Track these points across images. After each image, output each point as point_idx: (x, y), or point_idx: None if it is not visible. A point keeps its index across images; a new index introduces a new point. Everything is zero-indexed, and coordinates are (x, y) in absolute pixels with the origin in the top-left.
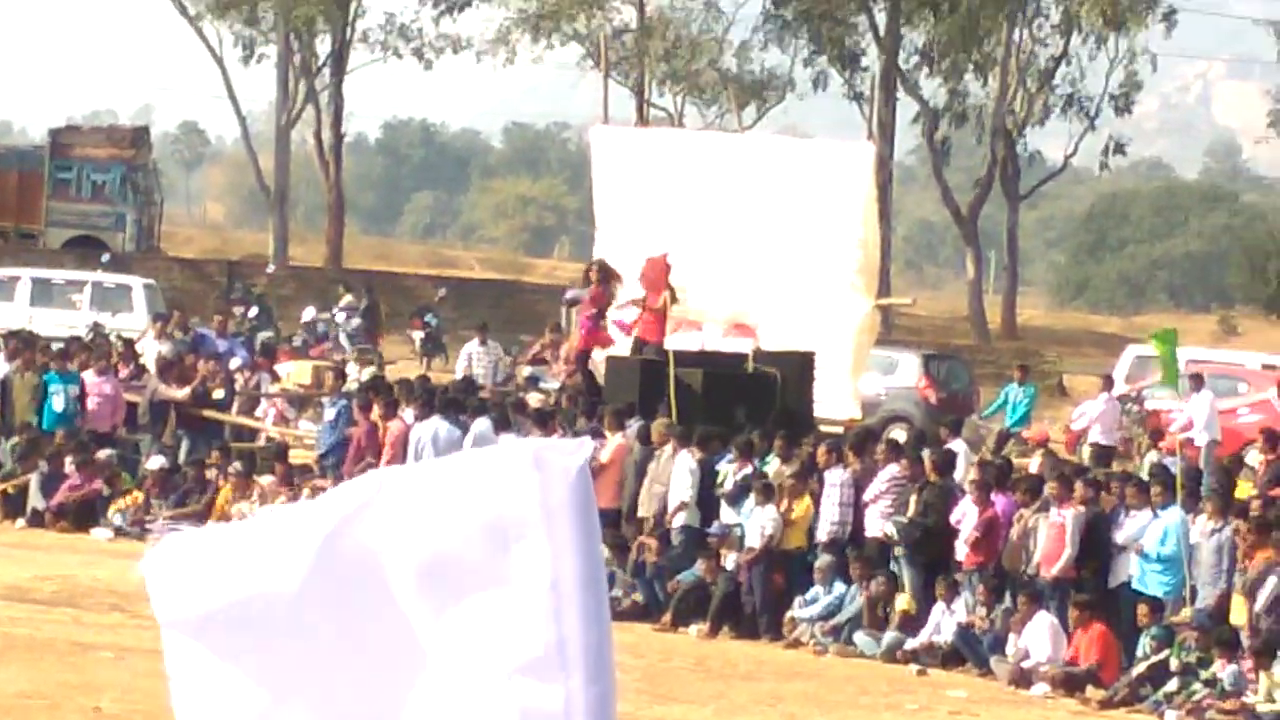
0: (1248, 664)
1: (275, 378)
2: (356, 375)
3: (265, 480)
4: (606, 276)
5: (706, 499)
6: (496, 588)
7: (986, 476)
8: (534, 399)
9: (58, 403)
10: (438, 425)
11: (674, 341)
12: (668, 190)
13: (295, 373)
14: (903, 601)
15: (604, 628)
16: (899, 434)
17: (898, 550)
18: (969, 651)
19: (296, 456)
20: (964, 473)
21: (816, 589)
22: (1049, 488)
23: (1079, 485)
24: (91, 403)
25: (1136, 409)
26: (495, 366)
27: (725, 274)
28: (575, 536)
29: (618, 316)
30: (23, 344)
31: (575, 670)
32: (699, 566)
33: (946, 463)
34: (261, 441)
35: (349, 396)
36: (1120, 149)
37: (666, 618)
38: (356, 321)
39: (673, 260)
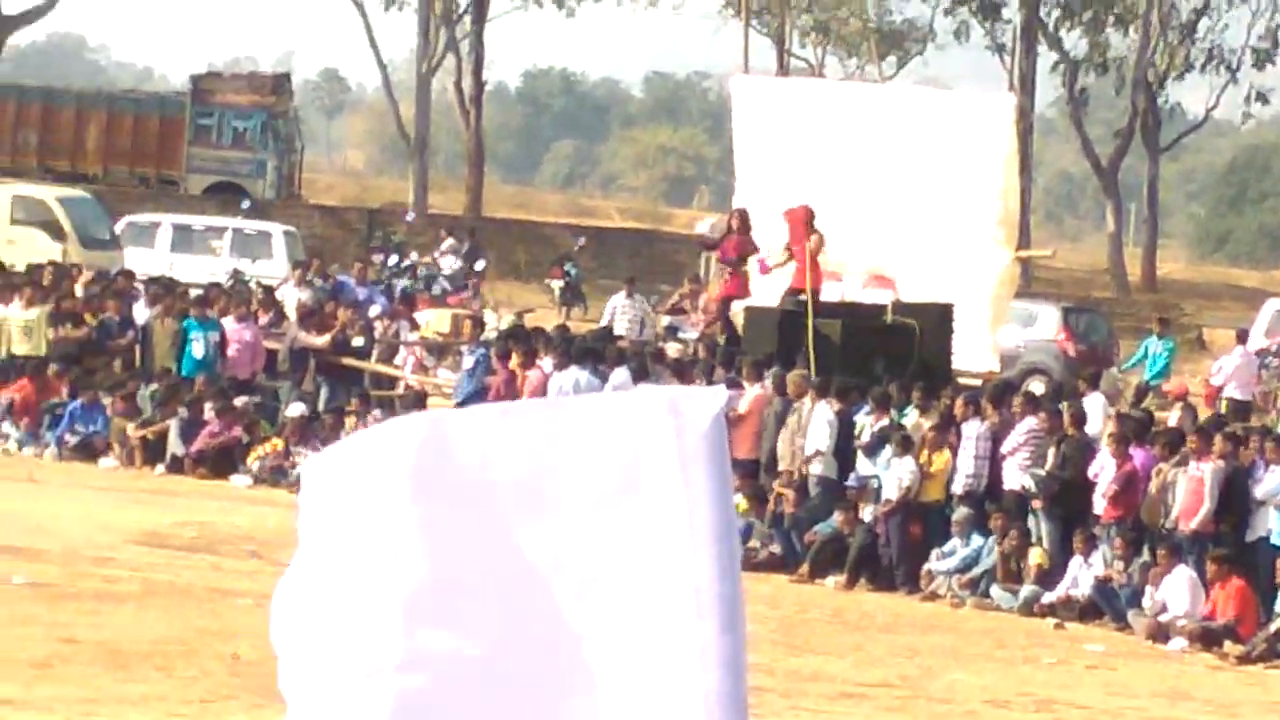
0: None
1: (414, 325)
2: (495, 324)
3: None
4: (746, 226)
5: (844, 450)
6: (629, 531)
7: (1125, 430)
8: (672, 349)
9: (197, 349)
10: (578, 374)
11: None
12: (807, 141)
13: (434, 321)
14: (1037, 555)
15: (736, 577)
16: (1037, 386)
17: (1035, 503)
18: (1106, 605)
19: (435, 404)
20: (1102, 425)
21: (954, 541)
22: (1189, 441)
23: (1218, 439)
24: (231, 349)
25: (1276, 363)
26: (642, 320)
27: (864, 225)
28: (710, 485)
29: (761, 258)
30: (163, 290)
31: (709, 618)
32: (836, 518)
33: (1084, 416)
34: (400, 390)
35: (487, 345)
36: (1263, 98)
37: (804, 569)
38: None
39: (815, 210)
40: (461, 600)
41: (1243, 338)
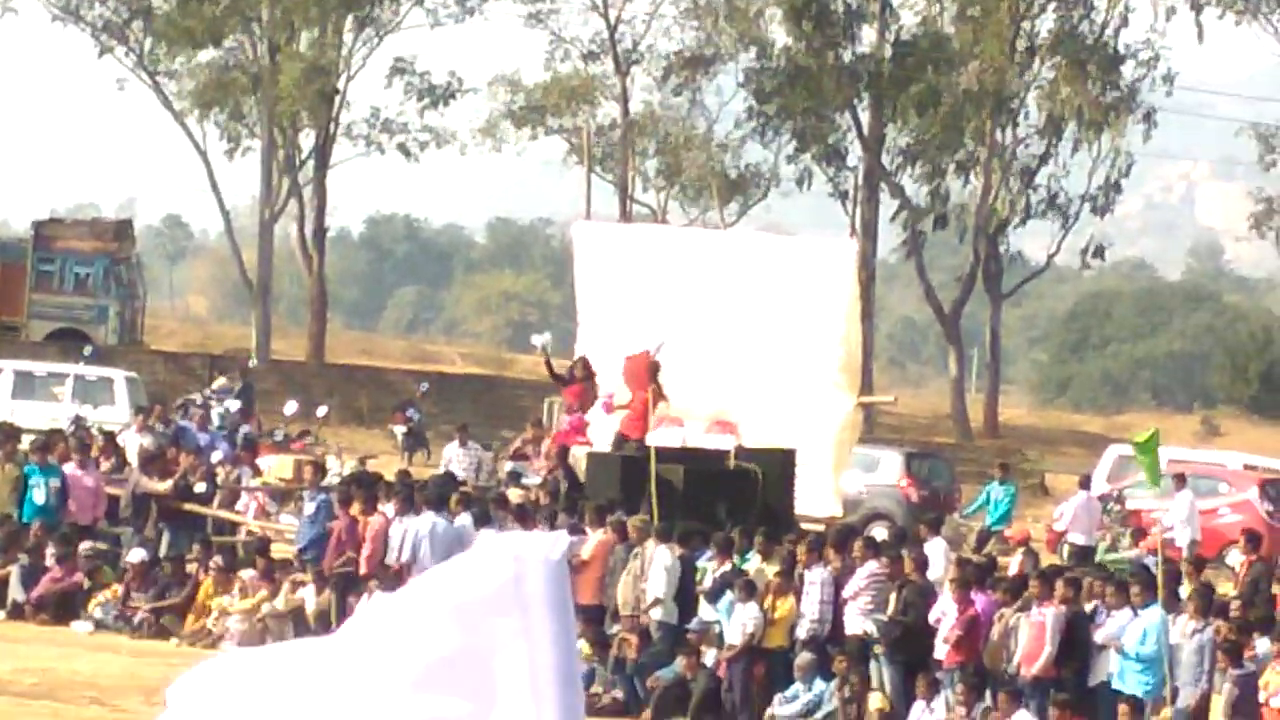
0: None
1: (257, 471)
2: (337, 470)
3: (246, 574)
4: (589, 374)
5: (686, 595)
6: (479, 685)
7: (967, 574)
8: (514, 494)
9: (38, 495)
10: (434, 520)
11: (655, 437)
12: (650, 286)
13: (276, 467)
14: (877, 700)
15: None
16: (879, 531)
17: (877, 648)
18: None
19: (277, 550)
20: (944, 571)
21: (797, 686)
22: (1031, 587)
23: (1059, 584)
24: (73, 495)
25: (1118, 508)
26: (477, 467)
27: (707, 370)
28: (553, 631)
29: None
30: (3, 436)
31: None
32: (679, 663)
33: (926, 561)
34: (243, 535)
35: (329, 491)
36: (1100, 252)
37: (647, 714)
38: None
39: (657, 357)
40: None
41: (1085, 483)
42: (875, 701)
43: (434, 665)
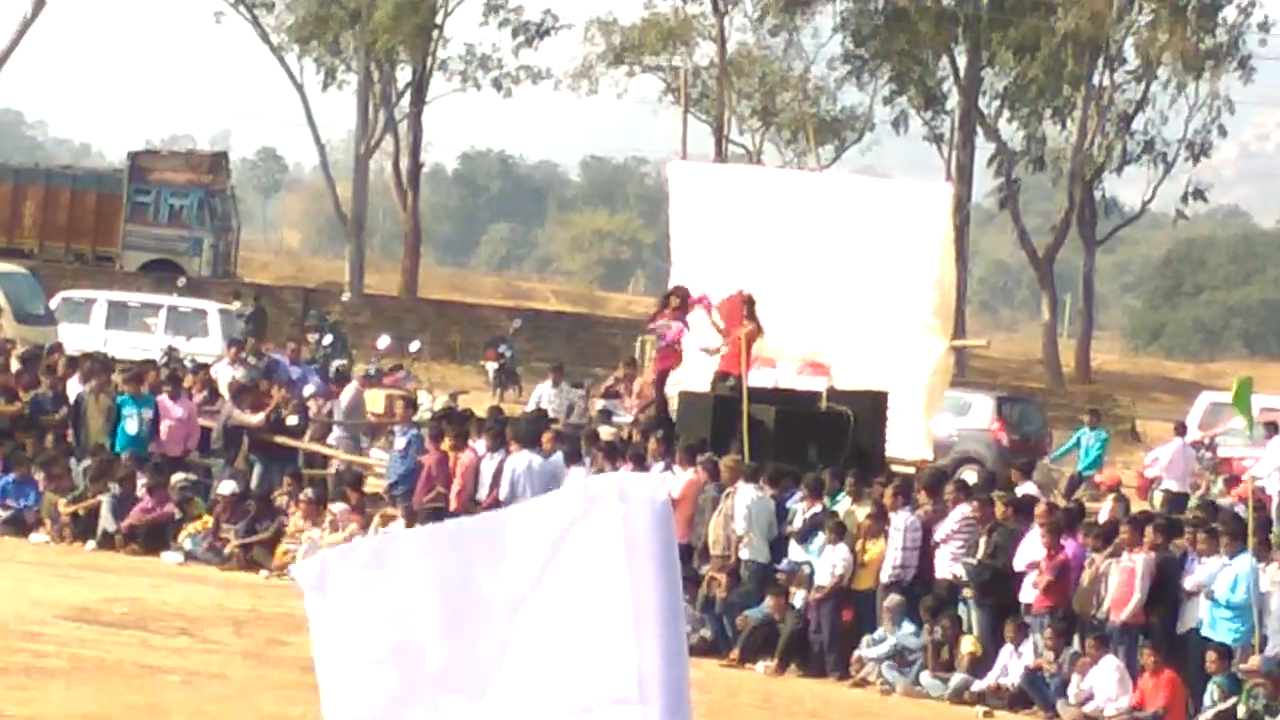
0: None
1: None
2: (429, 405)
3: (337, 508)
4: (686, 302)
5: (777, 536)
6: (580, 616)
7: (1057, 519)
8: (606, 432)
9: (131, 425)
10: (530, 457)
11: (749, 378)
12: (744, 227)
13: (368, 401)
14: (969, 643)
15: (683, 662)
16: (970, 475)
17: (966, 592)
18: (1036, 694)
19: (367, 485)
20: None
21: (885, 629)
22: (1121, 533)
23: (1149, 530)
24: (165, 427)
25: (1209, 455)
26: (569, 410)
27: (801, 312)
28: (657, 570)
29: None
30: (97, 366)
31: (654, 703)
32: (768, 603)
33: (1018, 506)
34: (333, 469)
35: (420, 426)
36: (1199, 195)
37: (734, 653)
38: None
39: (751, 295)
40: (454, 682)
41: (1180, 429)
42: (967, 645)
43: (536, 594)
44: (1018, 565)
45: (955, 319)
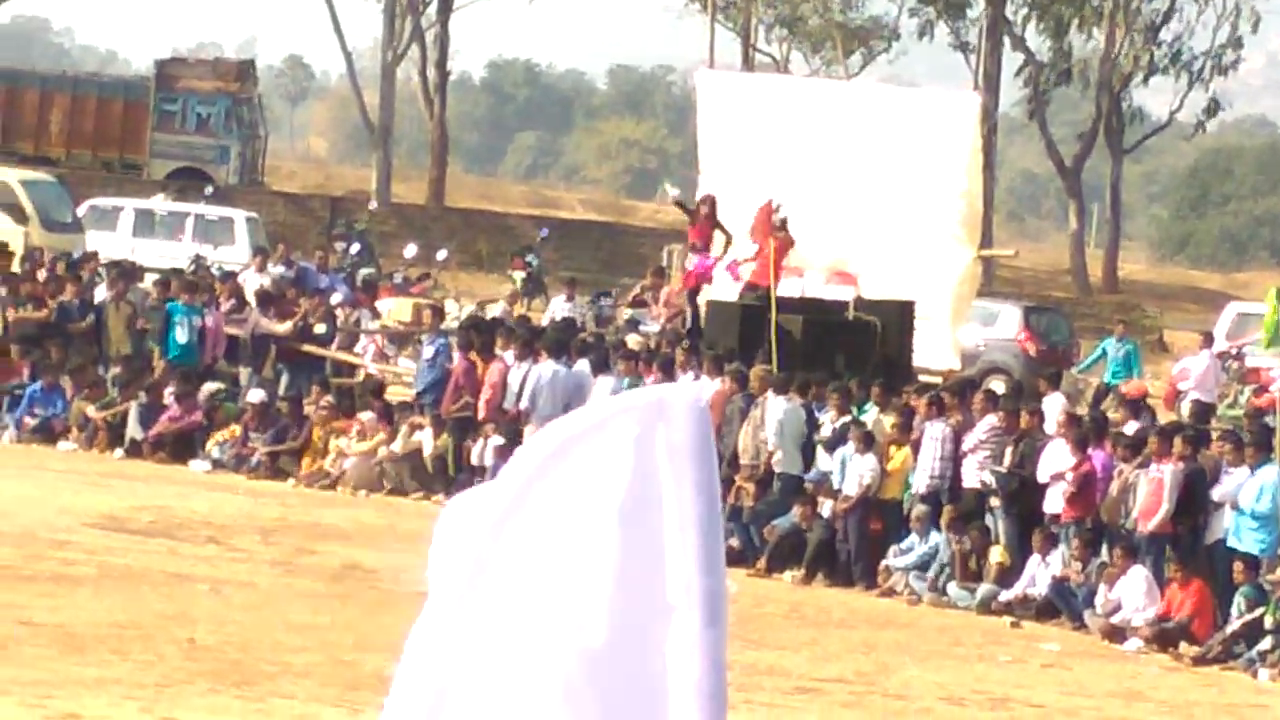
0: None
1: (376, 314)
2: (456, 313)
3: (365, 416)
4: (713, 212)
5: (804, 446)
6: (629, 530)
7: (1083, 430)
8: (633, 341)
9: (181, 334)
10: (555, 367)
11: (777, 287)
12: (771, 136)
13: (395, 310)
14: (997, 553)
15: (721, 571)
16: (997, 385)
17: (994, 502)
18: (1063, 605)
19: (395, 393)
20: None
21: (912, 538)
22: (1149, 443)
23: (1178, 441)
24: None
25: (1237, 365)
26: (582, 324)
27: (828, 221)
28: (696, 479)
29: (729, 261)
30: (121, 274)
31: (694, 611)
32: (795, 513)
33: (1043, 416)
34: (361, 378)
35: (448, 334)
36: (1216, 108)
37: (761, 563)
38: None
39: (779, 205)
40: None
41: (1208, 340)
42: (995, 555)
43: (595, 515)
44: (1041, 476)
45: (982, 228)
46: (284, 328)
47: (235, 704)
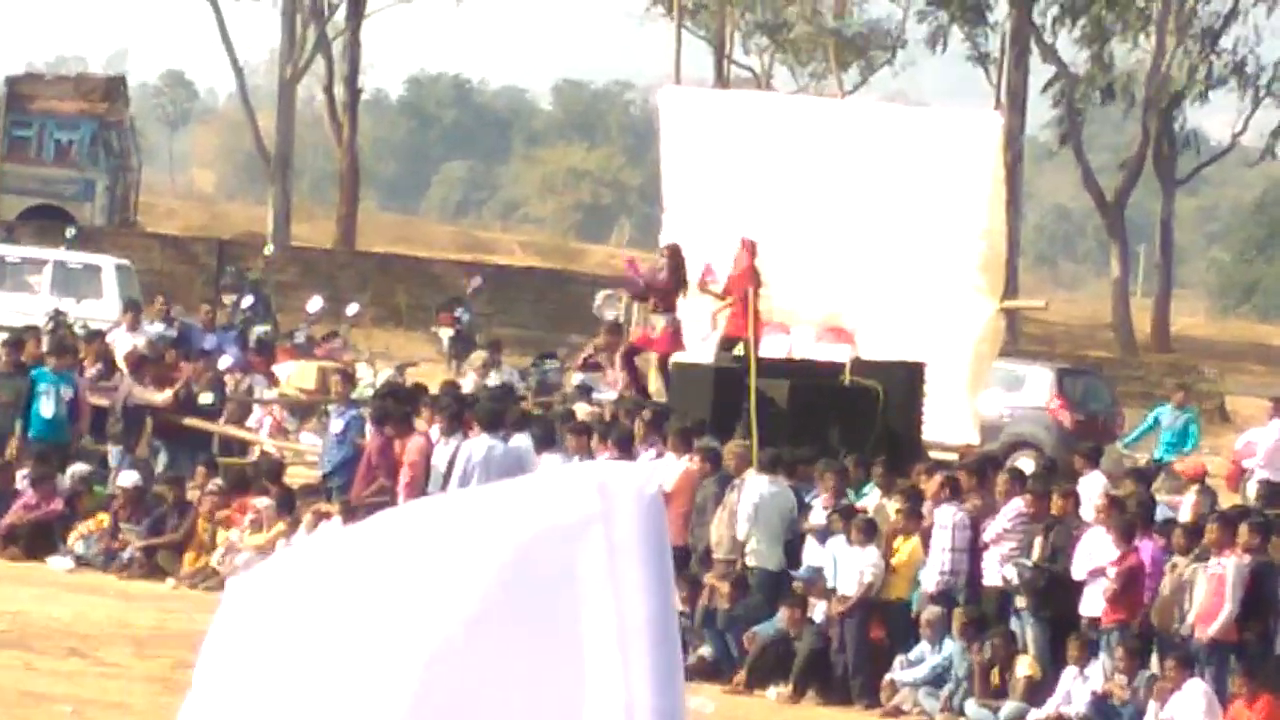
0: None
1: (273, 381)
2: (370, 380)
3: (260, 503)
4: (678, 265)
5: (791, 537)
6: (555, 640)
7: (1129, 516)
8: (583, 411)
9: (46, 407)
10: (490, 443)
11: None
12: (751, 165)
13: (297, 375)
14: (1025, 665)
15: (677, 689)
16: (1025, 463)
17: (1020, 603)
18: None
19: (297, 475)
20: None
21: (922, 647)
22: (1208, 532)
23: (1243, 529)
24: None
25: None
26: (522, 391)
27: (819, 266)
28: (646, 580)
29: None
30: None
31: None
32: (781, 617)
33: (1079, 500)
34: (255, 456)
35: (360, 405)
36: None
37: (740, 677)
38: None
39: (759, 247)
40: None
41: (1279, 409)
42: (1022, 667)
43: (496, 605)
44: (1077, 572)
45: (1006, 275)
46: (162, 397)
47: None
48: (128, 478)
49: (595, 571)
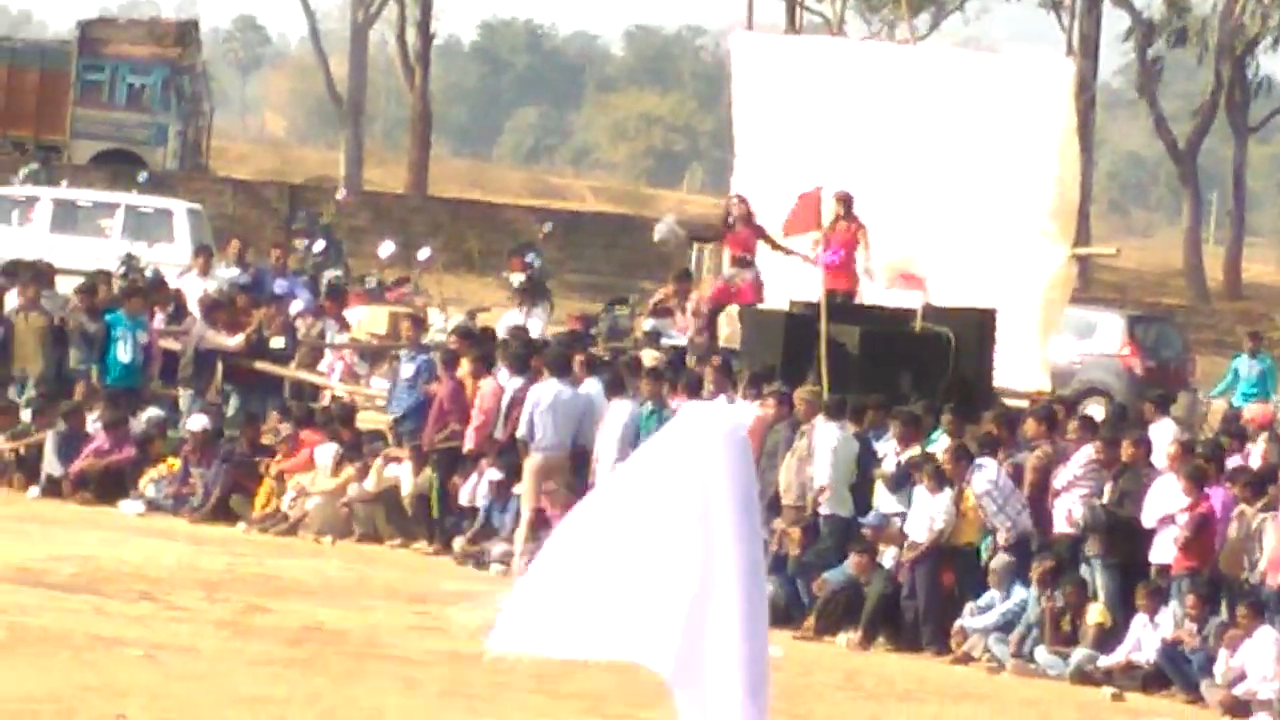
0: None
1: (344, 326)
2: (441, 325)
3: (331, 448)
4: (748, 216)
5: (862, 483)
6: (653, 579)
7: (1200, 464)
8: (651, 357)
9: (123, 351)
10: (558, 388)
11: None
12: (822, 112)
13: (368, 320)
14: (1096, 612)
15: (763, 634)
16: (1096, 410)
17: (1090, 550)
18: (1175, 673)
19: (367, 420)
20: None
21: (992, 594)
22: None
23: None
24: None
25: None
26: (592, 336)
27: (891, 213)
28: (737, 517)
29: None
30: (34, 278)
31: (732, 678)
32: (850, 563)
33: (1150, 447)
34: (326, 401)
35: (430, 350)
36: None
37: (810, 623)
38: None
39: (829, 195)
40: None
41: None
42: (1093, 614)
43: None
44: (1148, 519)
45: (1078, 222)
46: (234, 341)
47: None
48: (198, 422)
49: (689, 510)
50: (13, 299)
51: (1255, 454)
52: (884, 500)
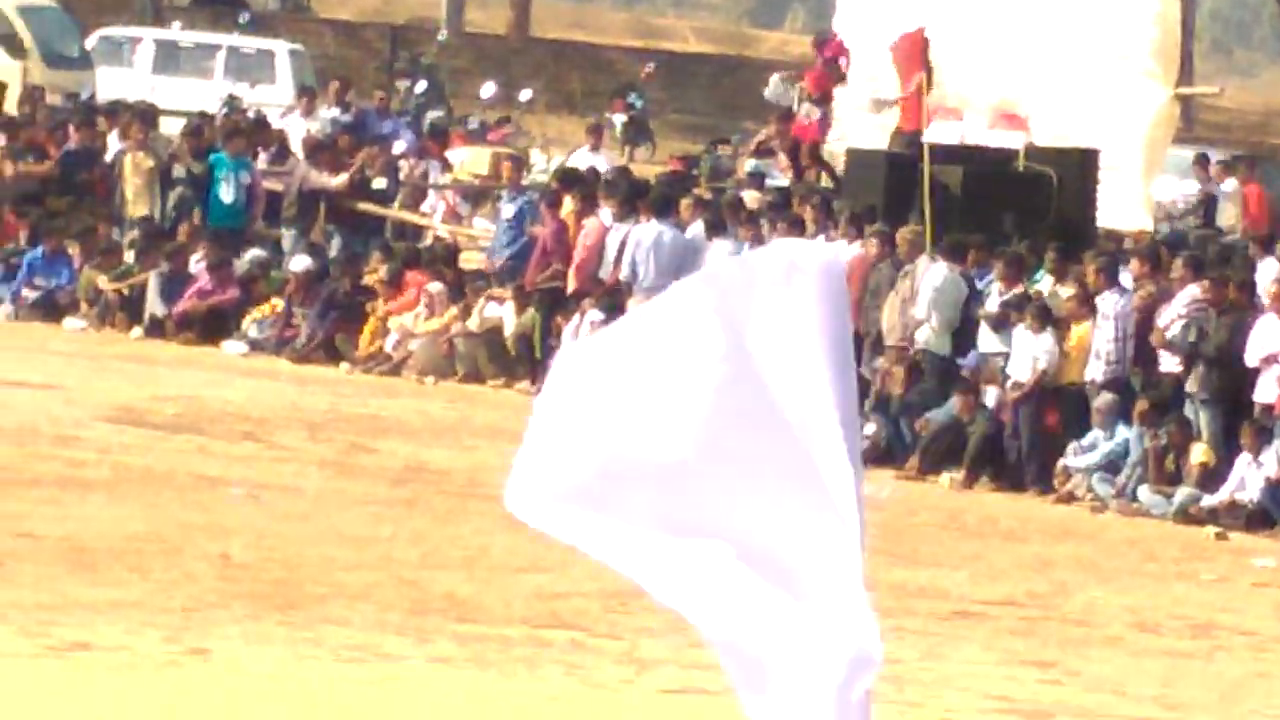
0: None
1: (446, 166)
2: (543, 166)
3: (433, 288)
4: (835, 53)
5: (964, 323)
6: (743, 420)
7: None
8: (752, 198)
9: (226, 192)
10: (660, 228)
11: (930, 132)
12: None
13: (470, 161)
14: (1199, 451)
15: (858, 472)
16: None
17: (1191, 386)
18: (1279, 513)
19: (470, 261)
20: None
21: (1095, 433)
22: None
23: None
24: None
25: None
26: (695, 177)
27: (992, 52)
28: (831, 355)
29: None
30: (138, 119)
31: (828, 515)
32: (953, 403)
33: (1254, 286)
34: (428, 241)
35: (532, 190)
36: None
37: (913, 462)
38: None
39: (930, 34)
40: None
41: None
42: (1197, 454)
43: (700, 386)
44: (1251, 359)
45: (1181, 61)
46: (337, 182)
47: (278, 632)
48: (301, 262)
49: (781, 348)
50: (114, 141)
51: None
52: (986, 340)
